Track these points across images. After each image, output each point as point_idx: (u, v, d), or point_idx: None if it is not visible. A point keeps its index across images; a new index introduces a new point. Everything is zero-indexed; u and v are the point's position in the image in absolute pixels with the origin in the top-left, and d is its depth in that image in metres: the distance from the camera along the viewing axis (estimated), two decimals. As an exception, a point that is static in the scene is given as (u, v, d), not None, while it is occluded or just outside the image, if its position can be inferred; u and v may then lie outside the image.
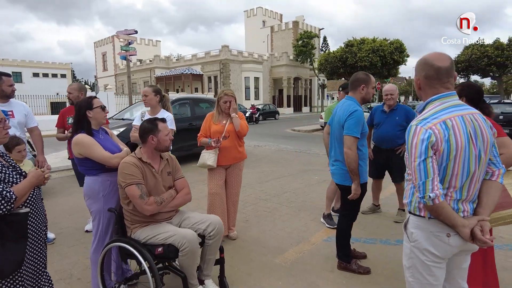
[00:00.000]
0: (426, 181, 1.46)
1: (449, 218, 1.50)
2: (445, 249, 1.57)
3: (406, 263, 1.71)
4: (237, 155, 3.58)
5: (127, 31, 12.47)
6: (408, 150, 1.55)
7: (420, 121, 1.53)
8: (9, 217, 1.62)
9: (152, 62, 41.13)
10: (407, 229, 1.68)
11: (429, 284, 1.63)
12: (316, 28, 48.25)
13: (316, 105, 45.54)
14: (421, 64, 1.64)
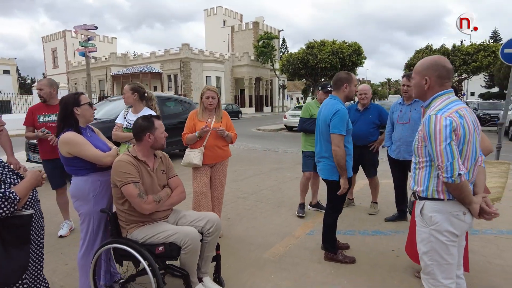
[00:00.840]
0: (453, 161, 1.63)
1: (468, 195, 1.71)
2: (462, 227, 1.77)
3: (424, 248, 1.85)
4: (222, 154, 3.57)
5: (86, 26, 11.81)
6: (430, 137, 1.68)
7: (437, 111, 1.70)
8: (12, 220, 1.54)
9: (108, 59, 39.24)
10: (423, 215, 1.82)
11: (447, 264, 1.79)
12: (276, 29, 49.02)
13: (277, 105, 46.27)
14: (433, 65, 1.81)
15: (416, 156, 1.86)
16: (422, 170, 1.82)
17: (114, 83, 38.79)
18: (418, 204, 1.87)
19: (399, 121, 3.87)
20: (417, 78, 1.86)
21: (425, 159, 1.80)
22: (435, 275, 1.82)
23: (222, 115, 3.57)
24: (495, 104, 18.32)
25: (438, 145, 1.66)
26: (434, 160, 1.71)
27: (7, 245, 1.52)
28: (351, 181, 3.05)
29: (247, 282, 2.80)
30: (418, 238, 1.89)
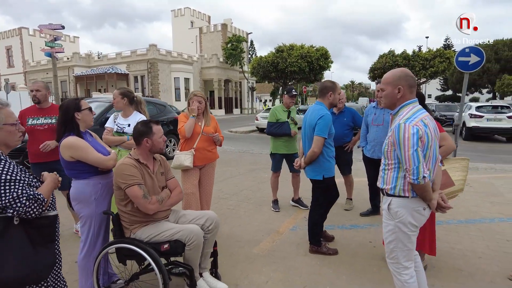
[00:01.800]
0: (419, 166, 1.89)
1: (429, 193, 1.99)
2: (421, 220, 2.07)
3: (390, 237, 2.13)
4: (211, 156, 3.67)
5: (52, 25, 11.40)
6: (399, 143, 1.92)
7: (406, 120, 1.94)
8: (39, 221, 1.63)
9: (71, 60, 37.55)
10: (390, 210, 2.09)
11: (408, 250, 2.11)
12: (244, 32, 49.33)
13: (247, 107, 46.57)
14: (404, 76, 2.06)
15: (385, 158, 2.09)
16: (390, 171, 2.06)
17: (77, 84, 37.22)
18: (385, 200, 2.13)
19: (374, 123, 4.23)
20: (389, 89, 2.07)
21: (394, 161, 2.03)
22: (398, 259, 2.12)
23: (210, 118, 3.66)
24: (450, 106, 19.77)
25: (407, 151, 1.89)
26: (402, 163, 1.95)
27: (35, 244, 1.61)
28: (333, 180, 3.33)
29: (240, 275, 2.99)
30: (385, 229, 2.16)
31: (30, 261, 1.58)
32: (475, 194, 5.42)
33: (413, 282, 2.12)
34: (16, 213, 1.55)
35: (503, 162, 8.52)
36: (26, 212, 1.57)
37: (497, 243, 3.61)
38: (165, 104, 10.17)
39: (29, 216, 1.59)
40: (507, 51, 30.96)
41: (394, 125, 1.98)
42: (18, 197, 1.54)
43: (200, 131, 3.54)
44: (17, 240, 1.56)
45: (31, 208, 1.58)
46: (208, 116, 3.66)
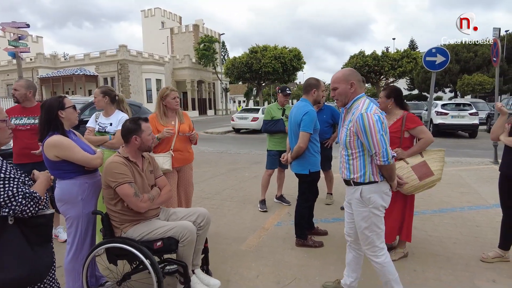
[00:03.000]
0: (387, 147, 2.06)
1: (395, 172, 2.20)
2: (389, 200, 2.26)
3: (365, 224, 2.23)
4: (189, 157, 3.56)
5: (15, 23, 10.85)
6: (366, 131, 2.05)
7: (366, 109, 2.09)
8: (36, 220, 1.59)
9: (34, 61, 35.80)
10: (363, 198, 2.19)
11: (382, 231, 2.26)
12: (216, 32, 49.12)
13: (221, 108, 46.38)
14: (354, 73, 2.26)
15: (348, 149, 2.21)
16: (356, 160, 2.18)
17: (42, 87, 35.53)
18: (355, 190, 2.22)
19: None
20: (343, 85, 2.21)
21: (358, 150, 2.16)
22: (374, 242, 2.25)
23: (182, 115, 3.52)
24: (418, 104, 20.73)
25: (374, 136, 2.03)
26: (370, 149, 2.07)
27: (33, 244, 1.57)
28: (318, 175, 3.43)
29: (231, 271, 3.02)
30: (358, 217, 2.25)
31: (29, 262, 1.53)
32: (446, 185, 5.74)
33: (389, 261, 2.27)
34: (12, 212, 1.50)
35: (468, 156, 9.07)
36: (23, 211, 1.52)
37: (469, 229, 3.86)
38: (140, 105, 9.92)
39: (25, 215, 1.54)
40: (466, 53, 32.87)
41: (356, 116, 2.10)
42: (13, 195, 1.49)
43: (175, 131, 3.36)
44: (14, 241, 1.52)
45: (27, 207, 1.53)
46: (180, 112, 3.52)
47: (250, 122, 16.91)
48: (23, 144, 3.37)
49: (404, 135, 2.98)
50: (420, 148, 2.95)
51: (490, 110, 17.04)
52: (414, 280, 2.80)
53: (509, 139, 2.76)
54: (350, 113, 2.19)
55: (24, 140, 3.37)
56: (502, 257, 3.06)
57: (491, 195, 5.01)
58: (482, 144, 11.77)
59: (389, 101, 3.06)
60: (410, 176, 2.86)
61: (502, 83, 30.19)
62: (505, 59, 29.73)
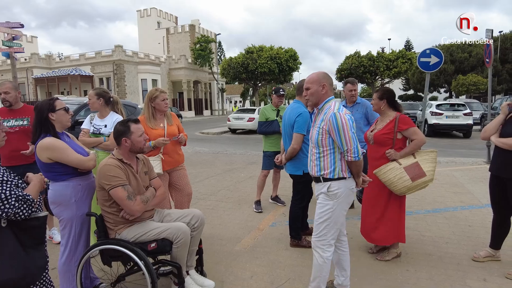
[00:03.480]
0: (357, 144, 2.23)
1: (361, 169, 2.33)
2: (352, 197, 2.42)
3: (325, 216, 2.34)
4: (179, 158, 3.50)
5: (9, 23, 10.75)
6: (339, 129, 2.19)
7: (337, 110, 2.24)
8: (30, 222, 1.60)
9: (29, 61, 35.57)
10: (330, 192, 2.31)
11: (337, 229, 2.38)
12: (212, 32, 49.10)
13: (217, 109, 46.35)
14: (326, 76, 2.40)
15: (319, 147, 2.33)
16: (327, 157, 2.31)
17: (37, 87, 35.35)
18: (323, 185, 2.35)
19: None
20: (315, 87, 2.34)
21: (329, 147, 2.29)
22: (327, 236, 2.36)
23: (171, 117, 3.47)
24: (413, 104, 20.84)
25: (346, 134, 2.18)
26: (342, 146, 2.22)
27: (26, 247, 1.57)
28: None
29: (225, 272, 3.03)
30: (321, 209, 2.36)
31: (22, 264, 1.54)
32: (440, 185, 5.79)
33: (330, 260, 2.40)
34: (5, 215, 1.50)
35: (462, 156, 9.15)
36: (16, 214, 1.53)
37: (461, 229, 3.90)
38: (136, 106, 9.91)
39: (18, 218, 1.55)
40: (461, 53, 33.12)
41: (329, 115, 2.24)
42: (6, 198, 1.50)
43: (163, 134, 3.31)
44: (7, 243, 1.52)
45: (20, 210, 1.54)
46: (168, 114, 3.47)
47: (246, 123, 16.92)
48: (11, 147, 3.29)
49: (397, 136, 3.01)
50: (413, 149, 2.98)
51: (484, 110, 17.18)
52: (407, 280, 2.83)
53: (499, 140, 2.80)
54: (322, 114, 2.32)
55: (13, 142, 3.29)
56: (493, 256, 3.10)
57: (483, 195, 5.06)
58: (476, 144, 11.88)
59: (382, 103, 3.09)
60: (402, 177, 2.89)
61: (496, 83, 30.45)
62: (499, 59, 30.00)
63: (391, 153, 2.99)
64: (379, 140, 3.07)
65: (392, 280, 2.83)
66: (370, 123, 4.22)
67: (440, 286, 2.74)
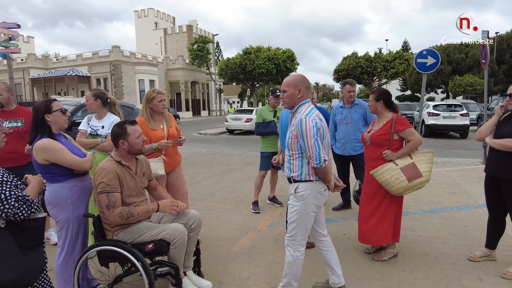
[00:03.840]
0: (320, 152, 2.22)
1: (329, 175, 2.33)
2: (322, 200, 2.43)
3: (294, 217, 2.40)
4: (178, 159, 3.54)
5: (6, 24, 10.72)
6: (303, 135, 2.22)
7: (305, 115, 2.27)
8: (28, 223, 1.61)
9: (26, 61, 35.42)
10: (297, 193, 2.37)
11: (306, 230, 2.44)
12: (210, 33, 49.08)
13: (215, 109, 46.32)
14: (303, 79, 2.43)
15: (289, 150, 2.39)
16: (296, 160, 2.36)
17: (34, 88, 35.21)
18: (292, 186, 2.41)
19: (343, 122, 4.43)
20: (291, 90, 2.37)
21: (297, 151, 2.33)
22: (296, 237, 2.43)
23: (169, 118, 3.47)
24: (410, 105, 20.95)
25: (309, 141, 2.21)
26: (306, 152, 2.25)
27: (24, 248, 1.58)
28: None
29: (223, 273, 3.04)
30: (290, 209, 2.42)
31: (20, 265, 1.55)
32: (436, 186, 5.82)
33: (302, 259, 2.48)
34: (4, 215, 1.51)
35: (458, 156, 9.20)
36: (15, 214, 1.53)
37: (458, 229, 3.93)
38: (133, 107, 9.90)
39: (17, 218, 1.55)
40: (457, 54, 33.28)
41: (296, 120, 2.28)
42: (6, 198, 1.50)
43: (164, 135, 3.31)
44: (5, 244, 1.53)
45: (19, 210, 1.54)
46: (167, 115, 3.47)
47: (244, 123, 16.93)
48: (6, 149, 3.25)
49: (393, 137, 3.02)
50: (409, 150, 3.00)
51: (480, 111, 17.28)
52: (403, 280, 2.84)
53: (494, 141, 2.82)
54: (294, 117, 2.38)
55: (7, 144, 3.26)
56: (488, 256, 3.12)
57: (480, 195, 5.09)
58: (472, 144, 11.93)
59: (379, 104, 3.11)
60: (399, 178, 2.91)
61: (493, 84, 30.62)
62: (495, 60, 30.18)
63: (387, 154, 3.00)
64: (376, 141, 3.09)
65: (389, 281, 2.85)
66: (368, 124, 4.24)
67: (436, 286, 2.76)
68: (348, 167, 4.64)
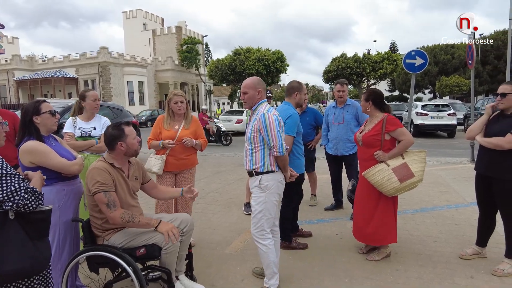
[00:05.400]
0: (282, 141, 2.49)
1: (287, 163, 2.62)
2: (282, 188, 2.68)
3: (259, 208, 2.58)
4: (188, 162, 3.46)
5: (-11, 25, 10.49)
6: (267, 127, 2.45)
7: (267, 111, 2.51)
8: (34, 215, 1.64)
9: (10, 62, 34.67)
10: (261, 185, 2.56)
11: (272, 218, 2.64)
12: (199, 34, 48.88)
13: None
14: (260, 82, 2.67)
15: (252, 143, 2.58)
16: (258, 152, 2.56)
17: (19, 89, 34.49)
18: (255, 178, 2.58)
19: (335, 122, 4.44)
20: (251, 92, 2.60)
21: (259, 144, 2.54)
22: (264, 227, 2.60)
23: (191, 120, 3.45)
24: (398, 105, 21.23)
25: (273, 132, 2.45)
26: (269, 143, 2.47)
27: (32, 238, 1.63)
28: (303, 177, 3.45)
29: (216, 275, 3.00)
30: (255, 201, 2.60)
31: (30, 254, 1.60)
32: (426, 185, 5.88)
33: (273, 246, 2.65)
34: (15, 206, 1.54)
35: (447, 156, 9.34)
36: (25, 205, 1.57)
37: (448, 227, 3.97)
38: (122, 108, 9.80)
39: (27, 209, 1.59)
40: (444, 55, 33.85)
41: (259, 115, 2.50)
42: (16, 190, 1.54)
43: (174, 136, 3.31)
44: (15, 234, 1.57)
45: (29, 201, 1.58)
46: (189, 117, 3.45)
47: (234, 124, 16.89)
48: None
49: (385, 138, 3.03)
50: (401, 150, 3.01)
51: (467, 110, 17.61)
52: (396, 280, 2.85)
53: (484, 139, 2.85)
54: (254, 114, 2.59)
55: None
56: (479, 253, 3.15)
57: (469, 193, 5.16)
58: (460, 144, 12.13)
59: (368, 104, 3.12)
60: (391, 178, 2.92)
61: (478, 84, 31.25)
62: (480, 61, 30.80)
63: (379, 155, 3.01)
64: (367, 141, 3.09)
65: (382, 280, 2.85)
66: (360, 124, 4.25)
67: (429, 284, 2.77)
68: (341, 167, 4.65)
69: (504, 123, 2.77)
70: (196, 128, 3.50)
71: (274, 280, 2.66)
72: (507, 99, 2.75)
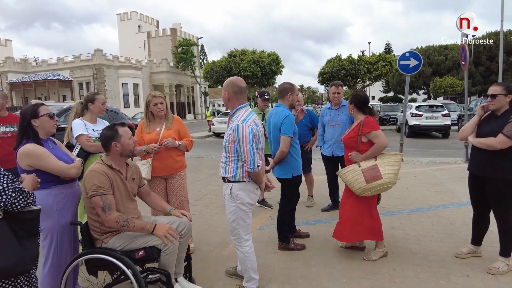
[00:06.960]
0: (254, 157, 2.35)
1: (261, 177, 2.50)
2: (255, 198, 2.59)
3: (232, 217, 2.54)
4: (175, 165, 3.32)
5: (-17, 28, 10.40)
6: (239, 140, 2.32)
7: (242, 121, 2.36)
8: (23, 215, 1.64)
9: (3, 65, 34.38)
10: (232, 193, 2.49)
11: (247, 225, 2.57)
12: (194, 36, 48.87)
13: (200, 112, 46.04)
14: (230, 84, 2.48)
15: (226, 152, 2.48)
16: (232, 162, 2.46)
17: (12, 92, 34.18)
18: (227, 185, 2.53)
19: (330, 123, 4.47)
20: (224, 93, 2.50)
21: (234, 155, 2.43)
22: (240, 234, 2.55)
23: (172, 121, 3.34)
24: (393, 106, 21.38)
25: (245, 146, 2.32)
26: (241, 156, 2.36)
27: (19, 238, 1.64)
28: (300, 178, 3.47)
29: (214, 277, 3.00)
30: (228, 210, 2.56)
31: (16, 252, 1.61)
32: (422, 185, 5.94)
33: (252, 252, 2.60)
34: (2, 204, 1.54)
35: (441, 156, 9.43)
36: (12, 204, 1.57)
37: (444, 227, 4.01)
38: (117, 111, 9.76)
39: (14, 209, 1.59)
40: (437, 56, 34.13)
41: (234, 125, 2.37)
42: (4, 189, 1.54)
43: (156, 138, 3.20)
44: (2, 233, 1.58)
45: (16, 200, 1.58)
46: (169, 118, 3.35)
47: (230, 126, 16.86)
48: (4, 151, 3.47)
49: (361, 140, 3.09)
50: (373, 152, 3.07)
51: (460, 111, 17.77)
52: (393, 279, 2.88)
53: (477, 140, 2.90)
54: (231, 121, 2.48)
55: (5, 147, 3.47)
56: (474, 252, 3.20)
57: (463, 193, 5.22)
58: (454, 144, 12.25)
59: (351, 106, 3.21)
60: (358, 179, 3.02)
61: (471, 85, 31.56)
62: (473, 62, 31.11)
63: (353, 156, 3.12)
64: (346, 143, 3.22)
65: (379, 280, 2.88)
66: (354, 126, 4.30)
67: (426, 283, 2.80)
68: (337, 168, 4.67)
69: (495, 123, 2.81)
70: (179, 127, 3.37)
71: (251, 284, 2.63)
72: (497, 100, 2.80)
